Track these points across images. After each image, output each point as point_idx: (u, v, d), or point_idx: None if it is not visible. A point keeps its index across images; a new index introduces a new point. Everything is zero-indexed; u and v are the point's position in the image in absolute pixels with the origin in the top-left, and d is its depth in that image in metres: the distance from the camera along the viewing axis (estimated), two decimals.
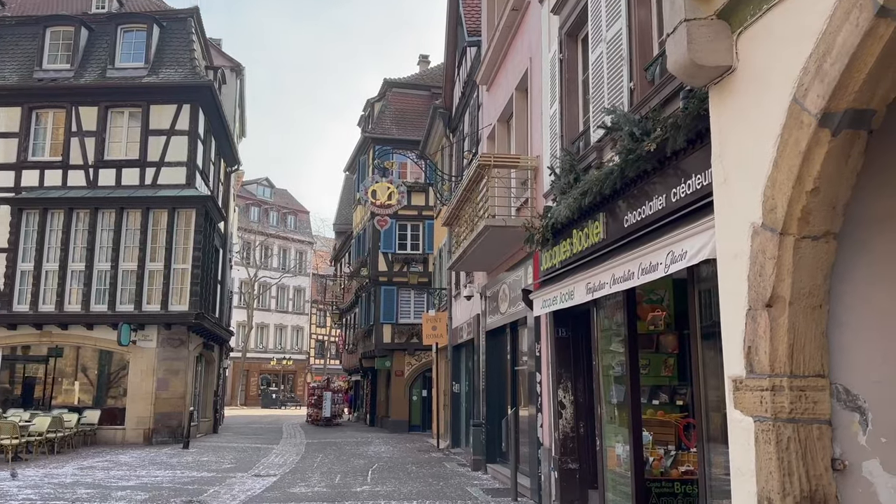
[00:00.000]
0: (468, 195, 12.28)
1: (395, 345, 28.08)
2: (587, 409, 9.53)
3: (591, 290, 7.67)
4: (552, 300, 8.97)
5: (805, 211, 4.20)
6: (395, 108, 29.25)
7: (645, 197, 6.60)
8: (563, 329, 9.80)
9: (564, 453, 9.48)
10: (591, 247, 7.93)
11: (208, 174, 23.22)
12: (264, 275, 57.07)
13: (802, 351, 4.30)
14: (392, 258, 28.26)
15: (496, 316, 13.26)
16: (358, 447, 20.42)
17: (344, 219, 40.50)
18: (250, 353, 56.10)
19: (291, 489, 11.83)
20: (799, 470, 4.20)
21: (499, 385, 13.97)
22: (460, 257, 13.12)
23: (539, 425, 10.32)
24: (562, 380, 9.66)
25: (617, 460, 8.20)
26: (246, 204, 59.24)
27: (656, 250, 6.16)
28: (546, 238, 9.07)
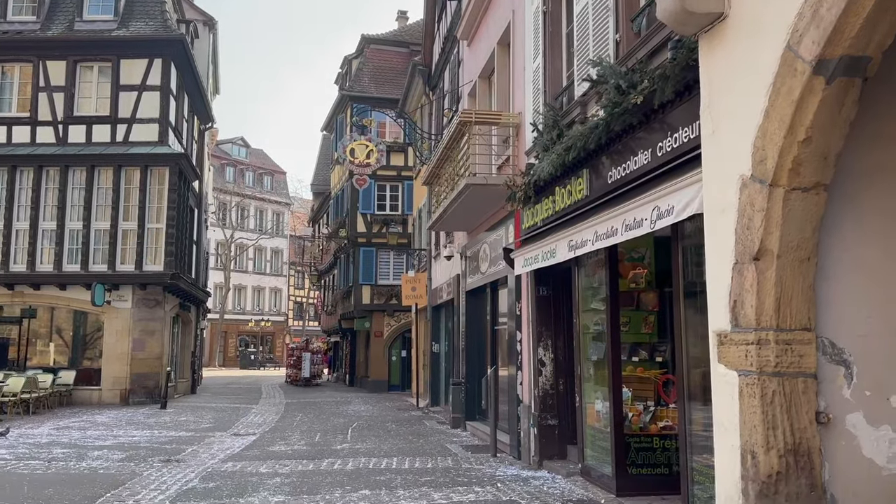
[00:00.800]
0: (448, 153, 12.09)
1: (374, 306, 28.03)
2: (567, 366, 9.55)
3: (574, 248, 7.60)
4: (534, 258, 8.90)
5: (796, 162, 4.11)
6: (373, 65, 28.69)
7: (630, 152, 6.49)
8: (544, 288, 9.75)
9: (544, 410, 9.51)
10: (574, 204, 7.84)
11: (181, 131, 22.70)
12: (241, 236, 56.49)
13: (789, 304, 4.26)
14: (371, 219, 28.03)
15: (476, 276, 13.20)
16: (337, 406, 20.47)
17: (322, 179, 40.03)
18: (228, 314, 55.83)
19: (271, 447, 11.81)
20: (783, 423, 4.19)
21: (478, 344, 13.98)
22: (440, 217, 12.98)
23: (519, 383, 10.34)
24: (542, 338, 9.65)
25: (596, 416, 8.23)
26: (221, 164, 58.31)
27: (641, 206, 6.08)
28: (528, 196, 8.96)
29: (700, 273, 6.31)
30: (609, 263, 7.74)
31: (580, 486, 8.03)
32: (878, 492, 4.13)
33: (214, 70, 32.91)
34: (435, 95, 19.69)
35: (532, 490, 8.00)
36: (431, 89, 20.00)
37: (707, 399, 6.10)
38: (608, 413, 7.84)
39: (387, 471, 9.39)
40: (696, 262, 6.24)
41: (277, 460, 10.30)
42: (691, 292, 6.22)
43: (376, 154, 15.37)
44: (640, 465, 7.53)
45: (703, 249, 6.32)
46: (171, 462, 10.10)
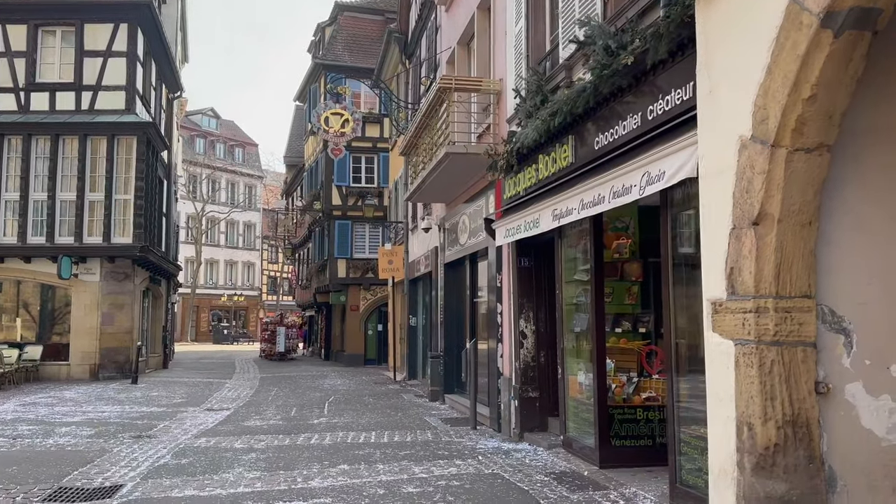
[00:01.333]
0: (427, 122, 11.78)
1: (350, 279, 27.73)
2: (548, 338, 9.41)
3: (558, 217, 7.40)
4: (516, 229, 8.69)
5: (800, 121, 3.93)
6: (347, 33, 28.02)
7: (619, 116, 6.27)
8: (525, 259, 9.57)
9: (525, 382, 9.38)
10: (559, 172, 7.62)
11: (149, 100, 22.01)
12: (212, 209, 55.56)
13: (789, 271, 4.10)
14: (346, 191, 27.58)
15: (455, 248, 12.98)
16: (313, 381, 20.25)
17: (295, 151, 39.33)
18: (200, 289, 55.10)
19: (245, 422, 11.57)
20: (782, 394, 4.06)
21: (457, 317, 13.81)
22: (418, 187, 12.70)
23: (499, 356, 10.19)
24: (524, 310, 9.48)
25: (579, 388, 8.11)
26: (191, 135, 57.15)
27: (630, 172, 5.87)
28: (510, 164, 8.72)
29: (689, 242, 6.15)
30: (594, 233, 7.55)
31: (562, 458, 7.92)
32: (876, 463, 4.03)
33: (183, 37, 32.00)
34: (411, 64, 19.27)
35: (514, 463, 7.88)
36: (408, 58, 19.57)
37: (695, 370, 5.99)
38: (591, 385, 7.72)
39: (365, 445, 9.21)
40: (685, 231, 6.08)
41: (252, 435, 10.08)
42: (680, 262, 6.06)
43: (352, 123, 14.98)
44: (623, 436, 7.43)
45: (693, 217, 6.17)
46: (143, 438, 9.82)
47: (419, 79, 17.96)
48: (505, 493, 6.53)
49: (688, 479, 5.72)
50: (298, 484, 6.95)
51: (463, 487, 6.75)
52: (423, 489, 6.67)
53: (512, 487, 6.72)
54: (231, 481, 7.09)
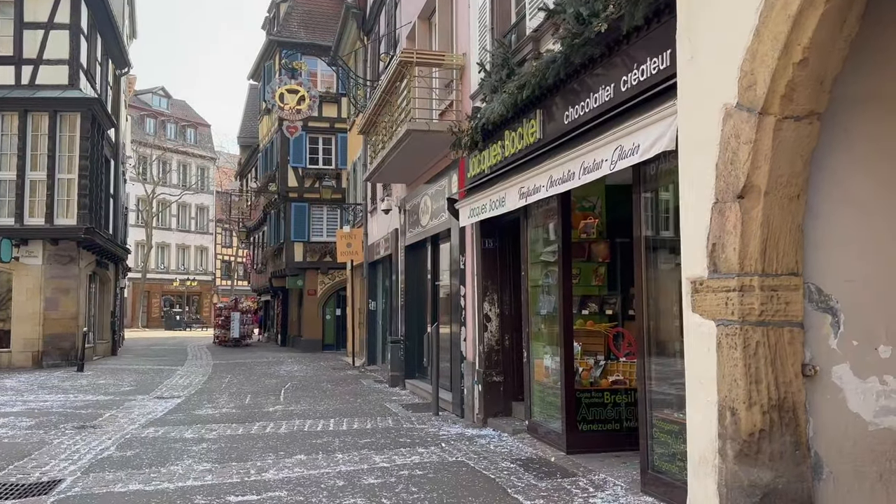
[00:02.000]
0: (387, 98, 11.37)
1: (307, 263, 27.13)
2: (513, 321, 9.17)
3: (525, 195, 7.12)
4: (481, 208, 8.39)
5: (790, 87, 3.68)
6: (302, 9, 27.20)
7: (590, 88, 5.99)
8: (489, 240, 9.28)
9: (489, 366, 9.13)
10: (526, 148, 7.33)
11: (94, 75, 21.02)
12: (163, 192, 53.95)
13: (776, 247, 3.88)
14: (303, 173, 26.89)
15: (416, 230, 12.63)
16: (269, 367, 19.74)
17: (249, 131, 38.31)
18: (151, 273, 53.62)
19: (197, 411, 11.09)
20: (767, 377, 3.84)
21: (418, 301, 13.50)
22: (378, 167, 12.30)
23: (463, 339, 9.92)
24: (488, 292, 9.21)
25: (545, 372, 7.89)
26: (140, 115, 55.29)
27: (602, 146, 5.61)
28: (475, 141, 8.40)
29: (663, 220, 5.94)
30: (562, 212, 7.30)
31: (528, 444, 7.70)
32: (864, 448, 3.85)
33: (131, 11, 30.78)
34: (370, 40, 18.74)
35: (478, 449, 7.62)
36: (366, 34, 19.03)
37: (668, 352, 5.79)
38: (558, 368, 7.50)
39: (323, 433, 8.85)
40: (658, 208, 5.85)
41: (204, 424, 9.63)
42: (652, 241, 5.84)
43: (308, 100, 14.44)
44: (590, 420, 7.23)
45: (666, 194, 5.95)
46: (87, 428, 9.29)
47: (378, 56, 17.46)
48: (470, 481, 6.27)
49: (660, 465, 5.53)
50: (252, 476, 6.57)
51: (426, 477, 6.46)
52: (385, 480, 6.36)
53: (477, 475, 6.46)
54: (180, 474, 6.67)
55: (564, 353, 7.18)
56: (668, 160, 5.53)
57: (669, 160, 5.53)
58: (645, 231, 5.84)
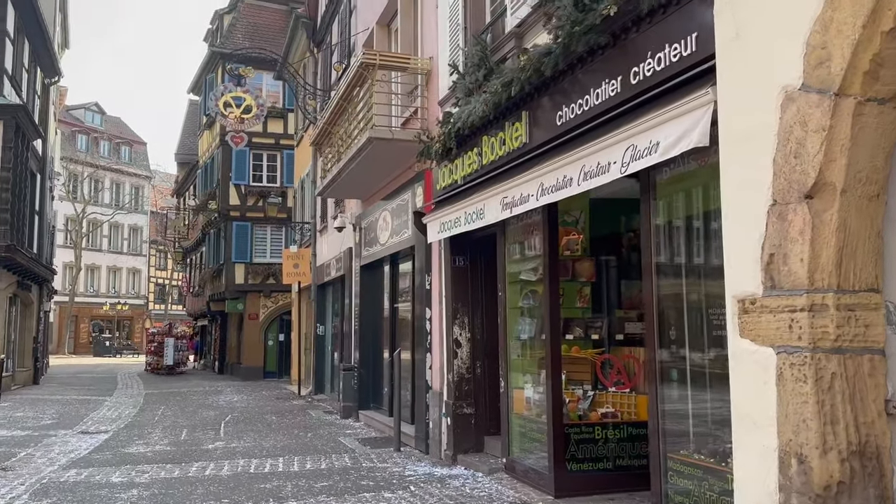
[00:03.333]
0: (344, 105, 10.54)
1: (248, 286, 25.77)
2: (487, 347, 8.39)
3: (510, 206, 6.37)
4: (453, 222, 7.61)
5: (876, 62, 3.02)
6: (248, 21, 26.15)
7: (590, 83, 5.31)
8: (460, 258, 8.51)
9: (459, 397, 8.29)
10: (509, 154, 6.61)
11: (20, 82, 19.51)
12: (94, 211, 51.38)
13: (853, 257, 3.20)
14: (246, 190, 25.61)
15: (374, 248, 11.75)
16: (206, 397, 18.38)
17: (188, 148, 36.72)
18: (80, 296, 50.83)
19: (127, 448, 9.89)
20: (846, 417, 3.13)
21: (374, 325, 12.58)
22: (333, 180, 11.41)
23: (428, 367, 9.06)
24: (458, 315, 8.40)
25: (526, 404, 7.10)
26: (72, 131, 52.81)
27: (609, 146, 4.91)
28: (447, 148, 7.64)
29: (675, 232, 5.27)
30: (548, 225, 6.58)
31: (508, 486, 6.87)
32: None
33: (63, 20, 29.19)
34: (321, 52, 17.90)
35: (453, 493, 6.76)
36: (317, 45, 18.19)
37: (683, 381, 5.10)
38: (543, 400, 6.73)
39: (272, 475, 7.83)
40: (672, 219, 5.18)
41: (134, 465, 8.48)
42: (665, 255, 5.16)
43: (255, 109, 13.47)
44: (580, 459, 6.46)
45: (679, 201, 5.30)
46: None
47: (329, 67, 16.63)
48: None
49: None
50: None
51: None
52: None
53: None
54: None
55: (552, 382, 6.42)
56: (684, 162, 4.88)
57: (685, 162, 4.89)
58: (656, 245, 5.15)
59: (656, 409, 4.98)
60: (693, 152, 4.45)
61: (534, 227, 7.06)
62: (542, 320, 6.99)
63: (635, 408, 6.68)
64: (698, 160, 4.70)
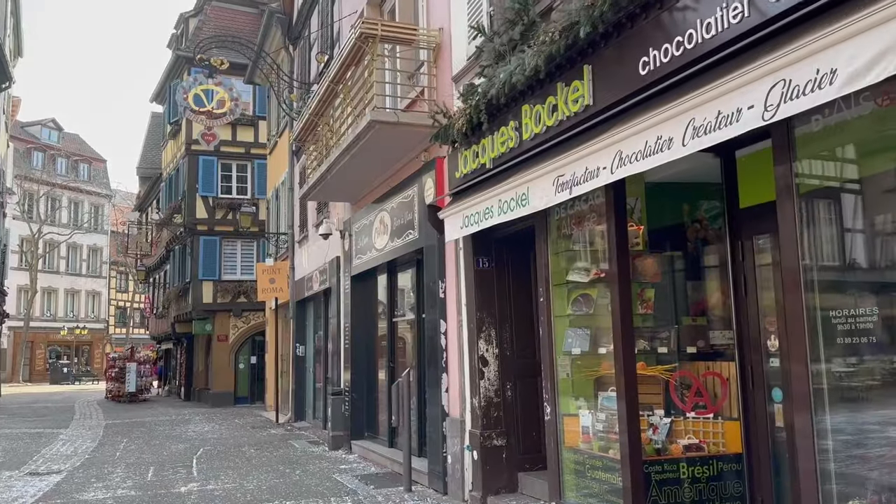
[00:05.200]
0: (334, 90, 9.18)
1: (217, 305, 24.01)
2: (518, 365, 7.06)
3: (567, 185, 5.06)
4: (483, 214, 6.27)
5: None
6: (215, 25, 24.57)
7: (702, 9, 4.05)
8: (484, 259, 7.16)
9: (487, 426, 6.90)
10: (561, 123, 5.32)
11: None
12: (51, 231, 48.87)
13: None
14: (214, 203, 23.91)
15: (368, 255, 10.35)
16: (174, 427, 16.64)
17: (150, 162, 34.82)
18: (35, 321, 48.10)
19: (82, 494, 8.31)
20: None
21: (367, 343, 11.13)
22: (321, 178, 10.00)
23: (444, 390, 7.67)
24: (483, 327, 7.04)
25: (582, 434, 5.75)
26: (27, 148, 50.35)
27: (738, 88, 3.63)
28: (476, 123, 6.31)
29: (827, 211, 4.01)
30: (614, 210, 5.28)
31: None
32: None
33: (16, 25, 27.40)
34: (297, 48, 16.54)
35: None
36: (292, 42, 16.81)
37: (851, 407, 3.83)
38: (608, 430, 5.41)
39: None
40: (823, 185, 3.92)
41: None
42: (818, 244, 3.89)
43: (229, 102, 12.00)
44: None
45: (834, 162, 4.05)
46: None
47: (307, 63, 15.28)
48: None
49: None
50: None
51: None
52: None
53: None
54: None
55: (626, 408, 5.08)
56: (852, 103, 3.63)
57: (853, 103, 3.64)
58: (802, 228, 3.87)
59: (812, 445, 3.67)
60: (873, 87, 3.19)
61: (587, 215, 5.78)
62: (597, 330, 5.70)
63: (723, 437, 5.37)
64: (879, 98, 3.45)
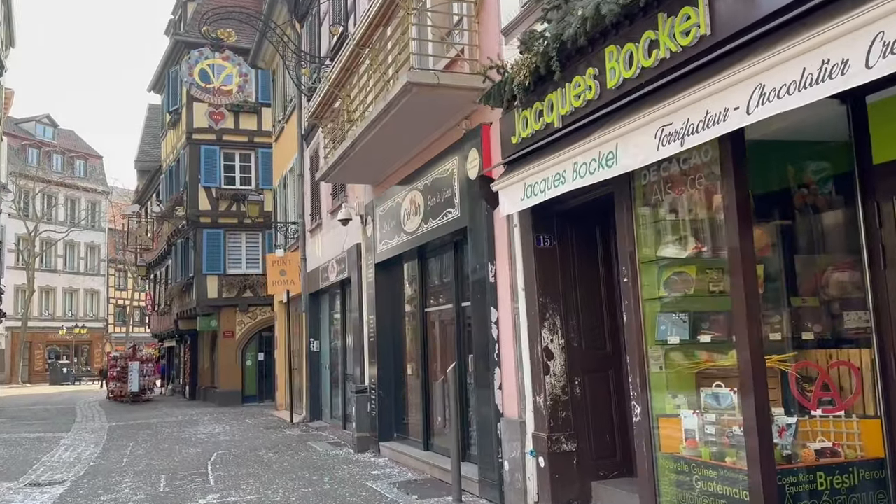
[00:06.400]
0: (359, 54, 8.24)
1: (222, 300, 23.06)
2: (588, 357, 6.17)
3: (678, 135, 4.14)
4: (552, 180, 5.34)
5: None
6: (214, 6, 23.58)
7: None
8: (545, 236, 6.23)
9: (555, 428, 5.99)
10: (664, 63, 4.40)
11: None
12: (48, 229, 47.85)
13: None
14: (217, 194, 22.91)
15: (396, 239, 9.42)
16: (182, 429, 15.73)
17: (148, 155, 33.79)
18: (33, 321, 47.15)
19: None
20: None
21: (395, 336, 10.22)
22: (345, 155, 9.07)
23: (497, 387, 6.75)
24: (547, 315, 6.12)
25: (685, 439, 4.83)
26: (22, 145, 49.33)
27: None
28: (545, 72, 5.37)
29: None
30: (733, 165, 4.35)
31: None
32: None
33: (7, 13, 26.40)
34: (304, 26, 15.58)
35: None
36: (299, 19, 15.85)
37: None
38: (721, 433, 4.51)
39: None
40: None
41: None
42: None
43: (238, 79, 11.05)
44: None
45: None
46: None
47: (318, 39, 14.32)
48: None
49: None
50: None
51: None
52: None
53: None
54: None
55: (755, 406, 4.16)
56: None
57: None
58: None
59: None
60: None
61: (685, 176, 4.85)
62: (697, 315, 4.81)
63: (860, 439, 4.47)
64: None
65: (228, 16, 11.83)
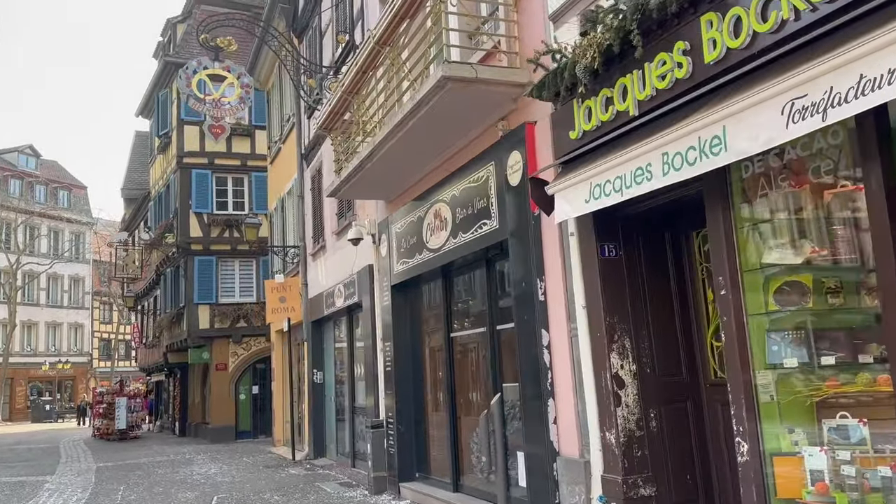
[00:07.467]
0: (379, 53, 7.47)
1: (215, 331, 21.99)
2: (663, 386, 5.28)
3: (820, 108, 3.35)
4: (631, 177, 4.54)
5: None
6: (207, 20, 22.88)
7: None
8: (610, 245, 5.41)
9: (631, 469, 5.11)
10: (797, 22, 3.62)
11: None
12: (30, 261, 46.51)
13: None
14: (209, 220, 21.96)
15: (417, 258, 8.56)
16: (175, 469, 14.62)
17: (135, 183, 32.81)
18: (15, 356, 45.55)
19: None
20: None
21: (414, 364, 9.31)
22: (360, 166, 8.24)
23: (551, 421, 5.87)
24: (616, 336, 5.27)
25: (817, 483, 3.98)
26: (4, 175, 48.19)
27: None
28: (624, 48, 4.59)
29: None
30: (878, 143, 3.56)
31: None
32: None
33: None
34: (304, 40, 14.86)
35: None
36: (298, 34, 15.13)
37: None
38: (859, 475, 3.66)
39: None
40: None
41: None
42: None
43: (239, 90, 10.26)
44: None
45: None
46: None
47: (319, 51, 13.59)
48: None
49: None
50: None
51: None
52: None
53: None
54: None
55: None
56: None
57: None
58: None
59: None
60: None
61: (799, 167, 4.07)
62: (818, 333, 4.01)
63: None
64: None
65: (228, 22, 11.07)
